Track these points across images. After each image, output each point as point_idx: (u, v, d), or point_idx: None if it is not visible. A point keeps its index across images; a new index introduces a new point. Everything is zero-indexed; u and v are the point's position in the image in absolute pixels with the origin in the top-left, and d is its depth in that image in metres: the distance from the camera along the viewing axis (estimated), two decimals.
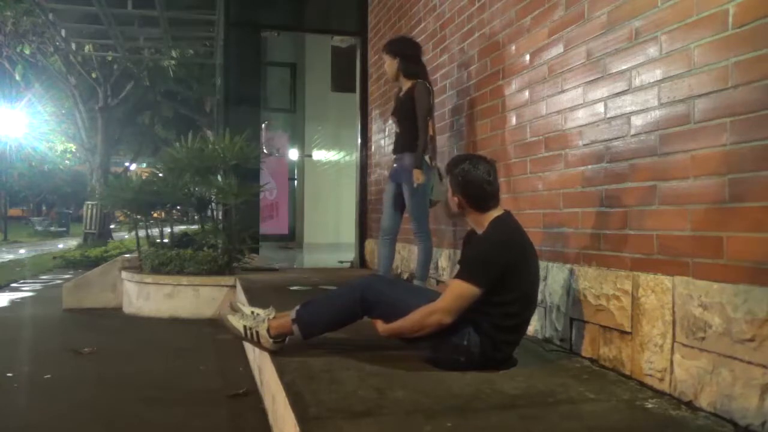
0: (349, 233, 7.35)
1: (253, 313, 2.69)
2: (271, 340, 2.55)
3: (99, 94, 15.27)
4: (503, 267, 2.30)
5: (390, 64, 3.86)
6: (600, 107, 2.55)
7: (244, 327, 2.61)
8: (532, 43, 3.11)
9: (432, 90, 3.84)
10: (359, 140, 6.62)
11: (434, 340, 2.37)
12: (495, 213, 2.44)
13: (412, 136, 3.71)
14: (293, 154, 11.95)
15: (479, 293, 2.27)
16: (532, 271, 2.43)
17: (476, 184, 2.41)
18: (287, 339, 2.59)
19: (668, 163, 2.15)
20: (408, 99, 3.76)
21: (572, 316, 2.69)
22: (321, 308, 2.60)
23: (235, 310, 2.78)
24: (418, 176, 3.68)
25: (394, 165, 3.90)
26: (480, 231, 2.46)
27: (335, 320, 2.57)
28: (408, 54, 3.87)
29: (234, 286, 5.09)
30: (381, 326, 2.45)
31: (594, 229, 2.58)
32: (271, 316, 2.61)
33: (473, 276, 2.29)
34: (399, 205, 3.94)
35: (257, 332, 2.57)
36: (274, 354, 2.54)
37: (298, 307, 2.58)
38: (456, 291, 2.30)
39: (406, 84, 3.84)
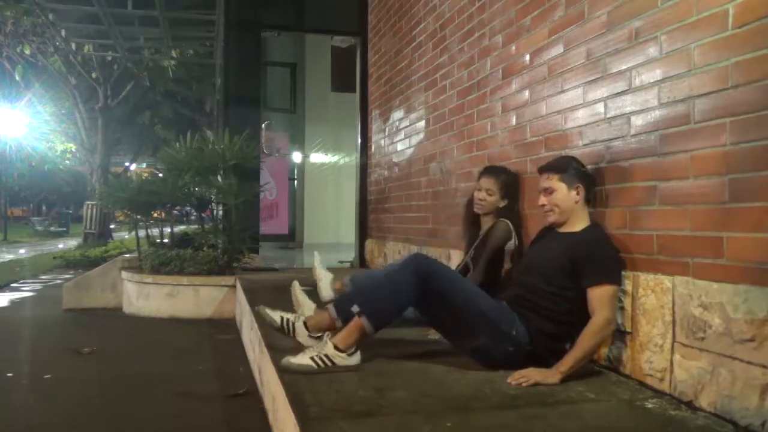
0: (349, 233, 7.35)
1: (282, 318, 2.55)
2: (344, 354, 2.28)
3: (99, 94, 15.27)
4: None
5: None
6: (600, 107, 2.55)
7: (312, 359, 2.26)
8: (532, 43, 3.11)
9: None
10: (359, 140, 6.62)
11: (488, 330, 2.33)
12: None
13: None
14: (296, 157, 11.97)
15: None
16: None
17: (593, 176, 2.50)
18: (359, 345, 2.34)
19: (668, 163, 2.15)
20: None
21: None
22: (377, 291, 2.44)
23: (275, 328, 2.56)
24: None
25: None
26: (568, 228, 2.46)
27: (398, 300, 2.36)
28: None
29: (234, 286, 5.09)
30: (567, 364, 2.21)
31: None
32: (302, 318, 2.53)
33: (614, 276, 2.29)
34: None
35: (327, 356, 2.26)
36: (274, 354, 2.51)
37: (351, 304, 2.37)
38: (608, 296, 2.25)
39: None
